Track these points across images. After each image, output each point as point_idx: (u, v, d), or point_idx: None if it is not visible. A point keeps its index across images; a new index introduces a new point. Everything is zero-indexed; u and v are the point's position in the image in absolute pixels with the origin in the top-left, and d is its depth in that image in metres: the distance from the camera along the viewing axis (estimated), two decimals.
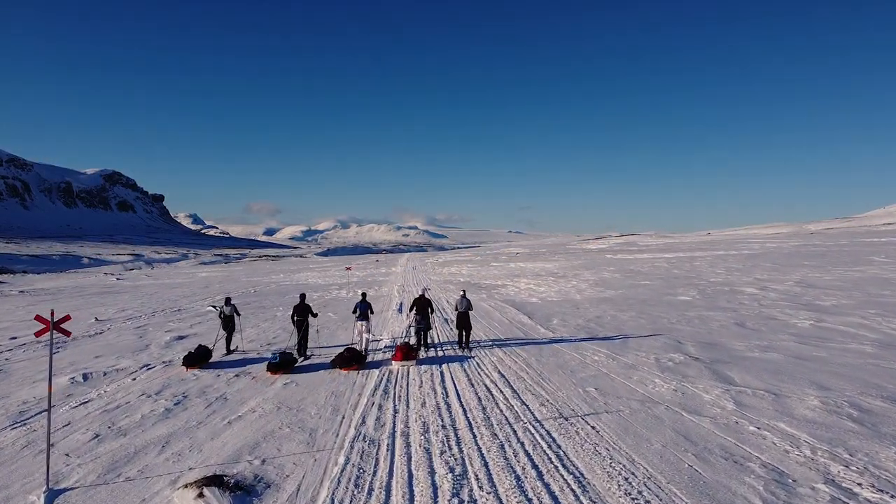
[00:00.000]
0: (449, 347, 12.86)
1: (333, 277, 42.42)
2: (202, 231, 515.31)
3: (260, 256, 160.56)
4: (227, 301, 13.27)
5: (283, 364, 10.52)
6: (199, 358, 11.25)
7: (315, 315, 12.63)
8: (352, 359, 10.68)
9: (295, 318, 12.24)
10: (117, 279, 57.31)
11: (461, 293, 13.04)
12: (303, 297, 12.66)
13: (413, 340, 12.49)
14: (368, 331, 12.21)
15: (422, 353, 12.00)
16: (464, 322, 12.40)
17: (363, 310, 12.19)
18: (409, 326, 13.04)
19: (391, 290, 30.56)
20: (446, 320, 17.43)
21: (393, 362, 10.88)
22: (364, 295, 12.89)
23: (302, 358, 11.93)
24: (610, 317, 16.69)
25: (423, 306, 12.39)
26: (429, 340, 12.74)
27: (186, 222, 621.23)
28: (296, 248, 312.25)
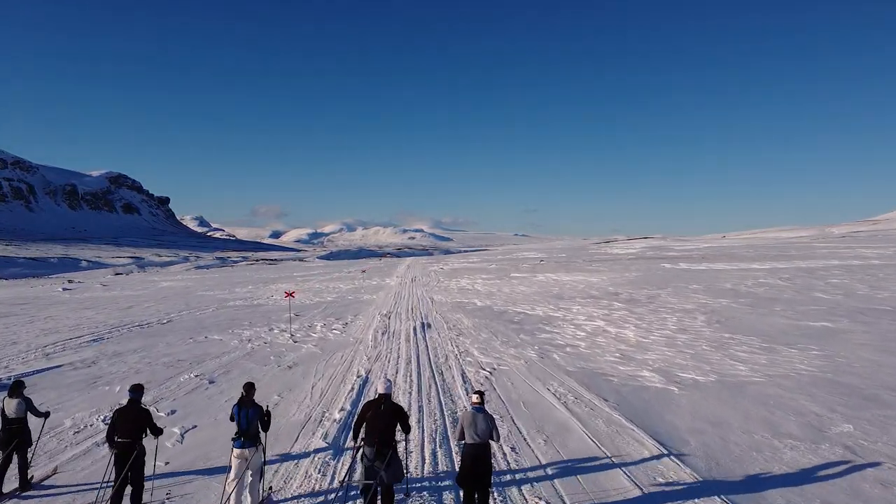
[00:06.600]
0: None
1: (307, 295, 30.68)
2: (208, 234, 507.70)
3: (258, 260, 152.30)
4: (16, 388, 6.19)
5: None
6: None
7: (158, 431, 5.83)
8: None
9: (116, 440, 5.45)
10: (63, 289, 49.56)
11: (475, 397, 5.27)
12: (137, 391, 5.77)
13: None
14: (259, 472, 5.69)
15: None
16: (478, 471, 4.87)
17: (244, 425, 5.57)
18: (348, 473, 5.67)
19: (366, 330, 17.94)
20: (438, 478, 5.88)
21: None
22: (250, 388, 5.89)
23: None
24: None
25: (382, 426, 5.11)
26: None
27: (192, 225, 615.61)
28: (300, 250, 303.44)
